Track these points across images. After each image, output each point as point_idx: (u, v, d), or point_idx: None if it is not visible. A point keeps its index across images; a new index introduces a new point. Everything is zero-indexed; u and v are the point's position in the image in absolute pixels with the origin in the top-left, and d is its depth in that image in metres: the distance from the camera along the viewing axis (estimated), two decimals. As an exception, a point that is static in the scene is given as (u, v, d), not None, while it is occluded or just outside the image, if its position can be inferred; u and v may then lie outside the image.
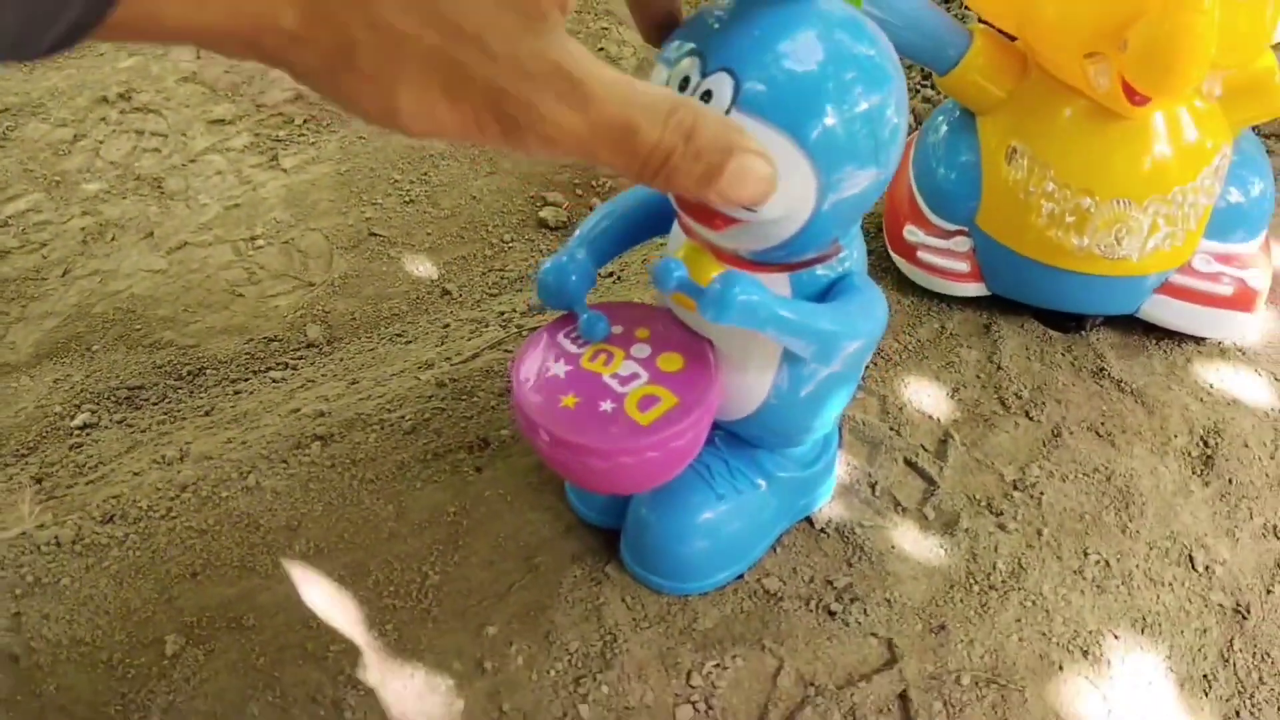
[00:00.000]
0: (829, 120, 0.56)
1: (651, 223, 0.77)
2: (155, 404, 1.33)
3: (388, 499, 0.94)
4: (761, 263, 0.67)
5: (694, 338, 0.72)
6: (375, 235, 1.61)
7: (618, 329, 0.72)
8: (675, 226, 0.71)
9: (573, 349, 0.70)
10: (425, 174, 1.71)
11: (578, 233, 0.76)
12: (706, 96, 0.57)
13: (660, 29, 0.61)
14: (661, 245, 0.79)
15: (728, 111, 0.56)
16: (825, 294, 0.70)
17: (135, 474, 1.02)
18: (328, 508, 0.93)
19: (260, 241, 1.60)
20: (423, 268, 1.55)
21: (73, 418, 1.31)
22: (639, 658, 0.84)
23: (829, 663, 0.85)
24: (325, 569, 0.89)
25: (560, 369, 0.68)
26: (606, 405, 0.66)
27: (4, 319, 1.49)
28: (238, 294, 1.52)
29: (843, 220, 0.64)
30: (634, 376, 0.68)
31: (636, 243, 0.78)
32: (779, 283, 0.68)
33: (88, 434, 1.27)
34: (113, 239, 1.61)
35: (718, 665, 0.84)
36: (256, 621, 0.85)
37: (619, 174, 0.43)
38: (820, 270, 0.69)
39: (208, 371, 1.38)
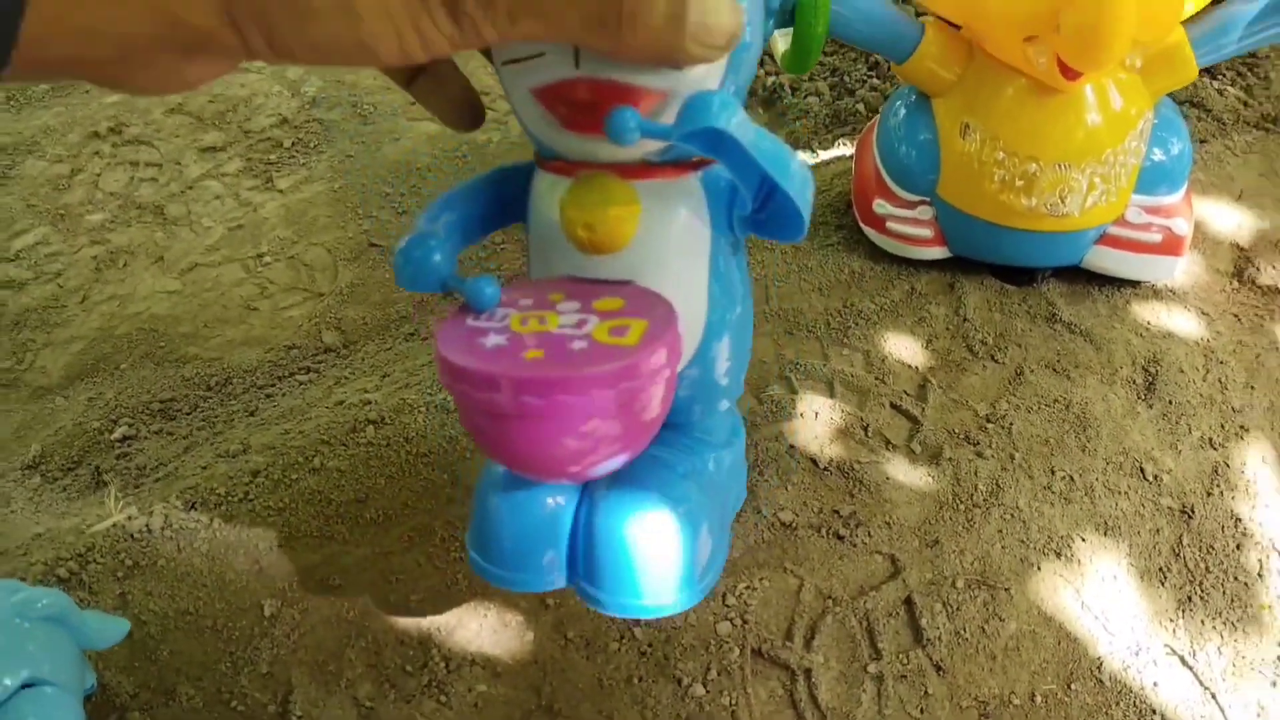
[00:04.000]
0: None
1: (503, 203, 0.63)
2: (189, 414, 1.43)
3: (442, 469, 1.05)
4: (670, 163, 0.56)
5: (617, 282, 0.57)
6: (375, 245, 1.71)
7: (526, 300, 0.55)
8: (534, 202, 0.59)
9: (494, 324, 0.52)
10: (415, 186, 1.82)
11: (422, 218, 0.62)
12: None
13: (462, 111, 0.56)
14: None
15: None
16: (733, 195, 0.58)
17: (203, 468, 1.12)
18: (389, 480, 1.05)
19: (267, 258, 1.70)
20: (423, 272, 1.66)
21: (111, 431, 1.40)
22: (680, 586, 0.97)
23: (843, 578, 0.98)
24: (395, 533, 1.00)
25: (498, 340, 0.50)
26: (578, 345, 0.50)
27: (31, 345, 1.57)
28: (252, 308, 1.62)
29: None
30: (583, 322, 0.52)
31: (489, 229, 0.64)
32: (692, 188, 0.57)
33: (129, 445, 1.37)
34: (124, 265, 1.70)
35: (748, 587, 0.97)
36: (342, 581, 0.97)
37: (563, 37, 0.39)
38: (720, 170, 0.59)
39: (234, 381, 1.48)
